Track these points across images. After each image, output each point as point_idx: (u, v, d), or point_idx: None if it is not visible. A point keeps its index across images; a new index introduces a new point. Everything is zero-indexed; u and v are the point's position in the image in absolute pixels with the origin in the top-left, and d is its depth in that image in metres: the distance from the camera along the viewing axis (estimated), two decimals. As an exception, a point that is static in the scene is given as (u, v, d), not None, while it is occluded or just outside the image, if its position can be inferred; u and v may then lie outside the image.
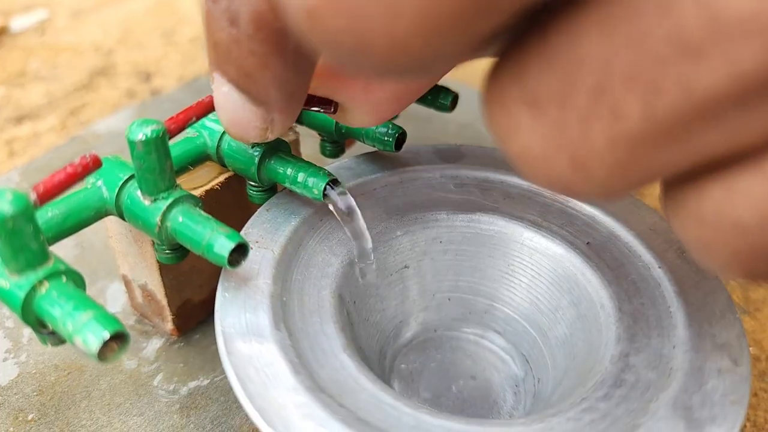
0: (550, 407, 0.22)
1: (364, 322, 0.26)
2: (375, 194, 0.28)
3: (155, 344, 0.30)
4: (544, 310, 0.27)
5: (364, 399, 0.20)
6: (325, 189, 0.24)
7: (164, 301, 0.28)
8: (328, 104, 0.23)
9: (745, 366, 0.21)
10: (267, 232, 0.25)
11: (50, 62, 0.53)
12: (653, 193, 0.43)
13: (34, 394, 0.27)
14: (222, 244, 0.21)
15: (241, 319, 0.22)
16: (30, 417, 0.27)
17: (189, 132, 0.26)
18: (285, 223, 0.25)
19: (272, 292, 0.23)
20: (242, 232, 0.25)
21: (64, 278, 0.20)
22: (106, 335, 0.17)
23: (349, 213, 0.24)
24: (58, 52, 0.54)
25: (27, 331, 0.30)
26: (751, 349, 0.32)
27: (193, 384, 0.28)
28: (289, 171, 0.24)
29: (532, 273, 0.27)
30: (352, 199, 0.24)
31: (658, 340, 0.22)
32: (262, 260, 0.24)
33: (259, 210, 0.26)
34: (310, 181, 0.24)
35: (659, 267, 0.24)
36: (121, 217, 0.23)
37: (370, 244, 0.25)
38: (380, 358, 0.27)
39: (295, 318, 0.23)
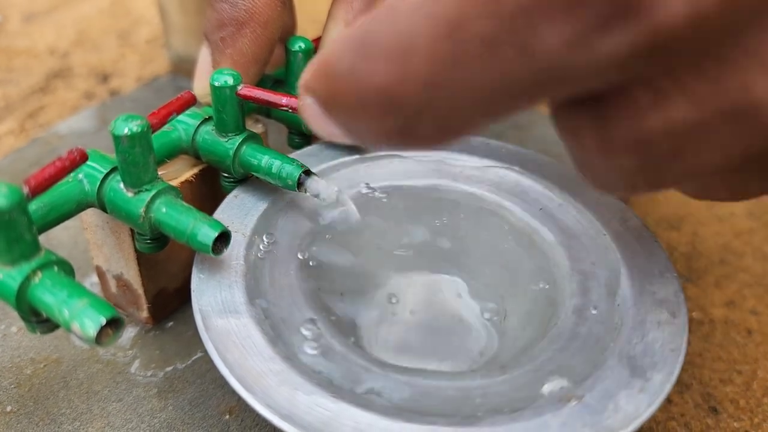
0: (515, 354, 0.24)
1: (332, 282, 0.28)
2: (340, 173, 0.30)
3: (130, 333, 0.31)
4: (504, 261, 0.29)
5: (337, 361, 0.22)
6: (300, 178, 0.25)
7: (140, 290, 0.29)
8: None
9: (681, 318, 0.23)
10: (237, 217, 0.27)
11: (4, 66, 0.53)
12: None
13: (12, 386, 0.28)
14: (205, 233, 0.22)
15: (217, 298, 0.23)
16: (9, 409, 0.27)
17: (164, 127, 0.27)
18: (253, 208, 0.27)
19: (245, 271, 0.24)
20: (216, 215, 0.26)
21: (55, 268, 0.21)
22: (103, 320, 0.19)
23: (325, 196, 0.26)
24: (12, 56, 0.54)
25: (0, 327, 0.31)
26: (694, 314, 0.35)
27: (169, 369, 0.29)
28: (263, 162, 0.26)
29: (492, 230, 0.30)
30: (324, 183, 0.26)
31: (607, 298, 0.25)
32: (233, 243, 0.25)
33: (227, 197, 0.28)
34: (285, 171, 0.25)
35: (605, 234, 0.27)
36: (103, 209, 0.24)
37: (355, 214, 0.27)
38: (349, 308, 0.29)
39: (268, 294, 0.24)
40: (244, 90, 0.25)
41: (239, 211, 0.27)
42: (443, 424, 0.20)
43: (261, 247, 0.26)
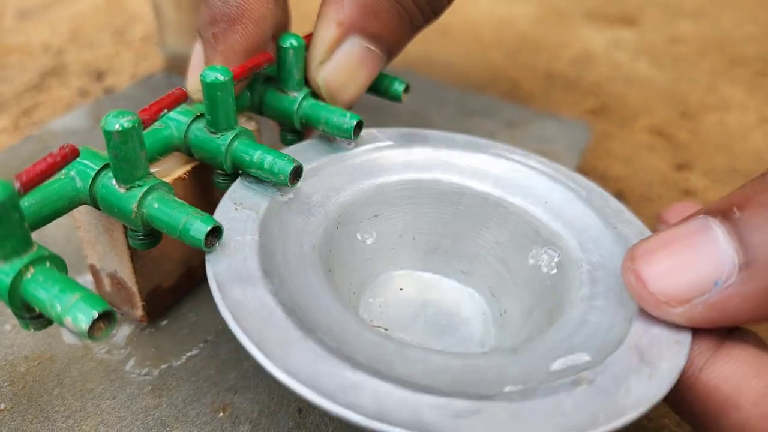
0: (521, 341, 0.24)
1: (339, 266, 0.28)
2: (335, 169, 0.30)
3: (125, 331, 0.31)
4: (508, 251, 0.30)
5: (351, 337, 0.22)
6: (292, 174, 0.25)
7: (134, 288, 0.29)
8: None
9: None
10: (249, 197, 0.26)
11: (-2, 63, 0.53)
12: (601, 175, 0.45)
13: (6, 384, 0.28)
14: (198, 228, 0.22)
15: (231, 269, 0.23)
16: (2, 406, 0.27)
17: (156, 124, 0.27)
18: (263, 190, 0.27)
19: (258, 245, 0.24)
20: (227, 196, 0.26)
21: (48, 263, 0.21)
22: (95, 314, 0.19)
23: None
24: (6, 54, 0.54)
25: (-6, 326, 0.31)
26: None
27: (164, 366, 0.29)
28: (255, 158, 0.26)
29: (497, 220, 0.30)
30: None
31: (616, 289, 0.25)
32: (247, 219, 0.25)
33: (239, 179, 0.27)
34: (276, 167, 0.25)
35: (612, 228, 0.27)
36: (95, 206, 0.24)
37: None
38: (351, 297, 0.29)
39: (281, 268, 0.24)
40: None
41: (250, 192, 0.27)
42: (460, 397, 0.20)
43: (273, 227, 0.26)
